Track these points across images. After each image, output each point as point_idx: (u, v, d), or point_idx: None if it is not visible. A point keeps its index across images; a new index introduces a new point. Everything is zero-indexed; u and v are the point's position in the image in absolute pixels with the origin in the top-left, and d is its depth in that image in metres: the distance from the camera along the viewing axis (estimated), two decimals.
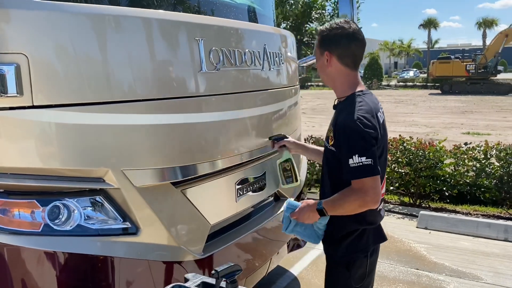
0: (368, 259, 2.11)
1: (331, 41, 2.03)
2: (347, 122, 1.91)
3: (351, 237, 2.07)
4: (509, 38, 30.95)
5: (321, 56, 2.07)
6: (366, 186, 1.86)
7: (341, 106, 2.05)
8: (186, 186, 2.34)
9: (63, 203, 1.98)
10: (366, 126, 1.88)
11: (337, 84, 2.09)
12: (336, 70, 2.05)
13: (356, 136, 1.88)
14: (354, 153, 1.85)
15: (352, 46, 2.03)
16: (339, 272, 2.12)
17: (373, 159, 1.86)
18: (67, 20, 1.90)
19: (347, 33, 2.01)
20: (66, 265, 1.97)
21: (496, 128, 14.30)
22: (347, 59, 2.03)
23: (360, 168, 1.85)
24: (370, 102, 2.00)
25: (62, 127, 1.91)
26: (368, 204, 1.90)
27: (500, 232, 4.77)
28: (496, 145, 5.67)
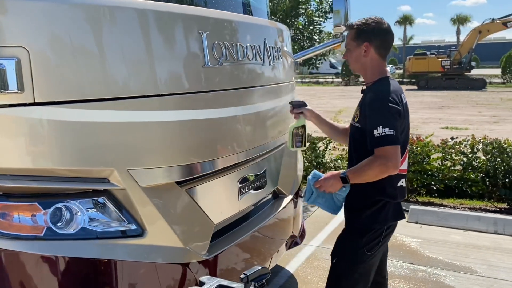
0: (383, 232, 2.29)
1: (370, 33, 2.26)
2: (373, 97, 2.19)
3: (373, 208, 2.25)
4: (482, 35, 31.62)
5: (358, 47, 2.29)
6: (388, 153, 2.08)
7: (370, 89, 2.30)
8: (190, 185, 2.26)
9: (65, 205, 1.88)
10: (390, 102, 2.13)
11: (368, 71, 2.32)
12: (371, 59, 2.29)
13: (380, 110, 2.13)
14: (378, 124, 2.09)
15: (388, 39, 2.31)
16: (352, 237, 2.32)
17: (395, 130, 2.09)
18: (69, 10, 1.80)
19: (384, 27, 2.28)
20: (70, 270, 1.87)
21: (473, 123, 14.59)
22: (382, 49, 2.29)
23: (383, 137, 2.07)
24: (395, 85, 2.26)
25: (65, 125, 1.81)
26: (390, 170, 2.12)
27: (490, 225, 4.84)
28: (482, 139, 5.76)
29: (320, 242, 4.57)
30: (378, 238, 2.29)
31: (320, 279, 3.79)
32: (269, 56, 2.83)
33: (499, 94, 26.88)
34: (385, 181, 2.20)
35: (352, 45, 2.32)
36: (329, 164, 6.58)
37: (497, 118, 15.64)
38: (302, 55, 3.90)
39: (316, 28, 6.76)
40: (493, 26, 31.36)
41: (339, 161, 6.57)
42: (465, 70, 33.10)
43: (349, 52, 2.35)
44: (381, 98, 2.16)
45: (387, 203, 2.26)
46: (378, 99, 2.17)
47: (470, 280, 3.73)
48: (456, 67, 32.88)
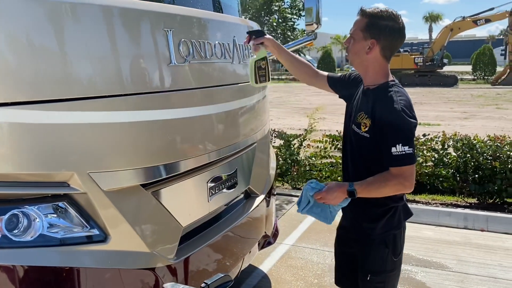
0: (402, 234, 2.27)
1: (382, 32, 2.03)
2: (392, 113, 1.97)
3: (387, 215, 2.18)
4: (453, 32, 32.36)
5: (364, 40, 2.05)
6: (406, 173, 1.98)
7: (376, 94, 2.08)
8: (156, 188, 2.19)
9: (22, 211, 1.78)
10: (410, 117, 1.98)
11: (369, 71, 2.12)
12: (374, 58, 2.07)
13: (401, 127, 1.97)
14: (398, 142, 1.94)
15: (398, 42, 2.08)
16: (380, 249, 2.23)
17: (413, 148, 1.98)
18: (22, 7, 1.70)
19: (398, 27, 2.05)
20: (28, 280, 1.78)
21: (445, 119, 14.90)
22: (388, 51, 2.08)
23: (403, 157, 1.95)
24: (406, 93, 2.09)
25: (19, 128, 1.72)
26: (406, 189, 2.04)
27: (460, 220, 4.92)
28: (453, 136, 5.85)
29: (294, 241, 4.55)
30: (399, 241, 2.26)
31: (294, 278, 3.78)
32: (239, 54, 2.78)
33: (469, 90, 27.56)
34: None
35: (358, 36, 2.07)
36: (304, 161, 6.58)
37: (467, 114, 16.01)
38: None
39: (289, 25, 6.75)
40: (464, 24, 32.15)
41: (313, 158, 6.58)
42: (437, 67, 33.83)
43: (352, 41, 2.11)
44: (399, 113, 1.96)
45: (397, 207, 2.20)
46: (397, 113, 1.96)
47: (441, 275, 3.78)
48: (428, 64, 33.57)
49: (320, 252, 4.21)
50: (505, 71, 32.20)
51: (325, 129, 11.34)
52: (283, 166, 6.54)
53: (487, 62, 36.66)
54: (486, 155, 5.47)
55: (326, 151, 6.44)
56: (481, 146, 5.55)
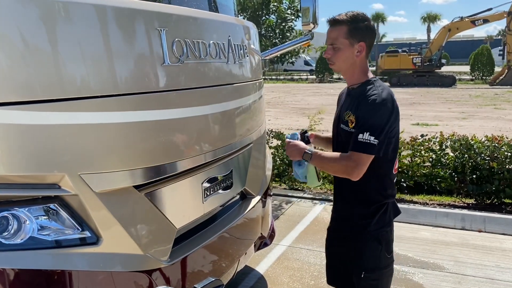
0: (391, 231, 2.32)
1: (366, 32, 2.16)
2: (370, 105, 2.07)
3: (379, 212, 2.22)
4: (451, 32, 32.37)
5: (351, 46, 2.15)
6: (360, 160, 2.05)
7: (360, 91, 2.17)
8: (149, 189, 2.16)
9: (12, 213, 1.76)
10: (386, 108, 2.07)
11: (356, 72, 2.22)
12: (361, 59, 2.19)
13: (374, 117, 2.05)
14: (366, 130, 2.03)
15: (374, 38, 2.25)
16: (373, 246, 2.26)
17: (380, 141, 2.03)
18: (13, 6, 1.67)
19: (373, 26, 2.22)
20: (18, 283, 1.75)
21: (443, 119, 14.89)
22: (370, 50, 2.21)
23: (365, 144, 2.02)
24: (387, 87, 2.17)
25: (9, 128, 1.69)
26: (352, 176, 2.09)
27: (457, 221, 4.90)
28: (451, 136, 5.83)
29: (291, 242, 4.53)
30: (390, 238, 2.31)
31: (291, 280, 3.75)
32: (234, 54, 2.76)
33: (468, 90, 27.56)
34: (387, 184, 2.24)
35: (344, 43, 2.14)
36: None
37: (465, 114, 16.00)
38: (270, 53, 3.83)
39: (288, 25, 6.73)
40: (462, 24, 32.16)
41: None
42: (435, 67, 33.83)
43: (337, 51, 2.17)
44: (378, 104, 2.06)
45: (388, 204, 2.26)
46: (375, 105, 2.06)
47: (438, 277, 3.76)
48: (426, 64, 33.57)
49: (317, 253, 4.19)
50: (503, 71, 32.23)
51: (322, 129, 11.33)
52: (280, 167, 6.52)
53: (485, 62, 36.66)
54: (484, 155, 5.45)
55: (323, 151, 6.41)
56: (479, 147, 5.53)
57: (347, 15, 2.16)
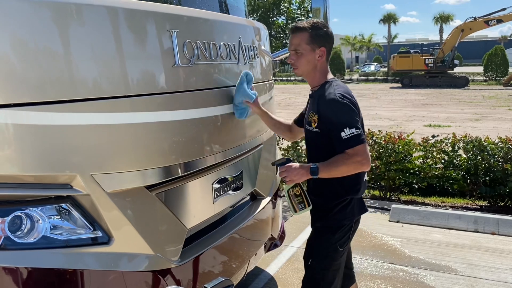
0: (352, 227, 2.40)
1: (326, 38, 2.32)
2: (332, 101, 2.20)
3: (340, 206, 2.32)
4: (464, 33, 32.03)
5: (313, 51, 2.30)
6: (360, 152, 2.13)
7: (319, 92, 2.32)
8: (160, 189, 2.18)
9: (25, 212, 1.78)
10: (349, 101, 2.19)
11: (317, 75, 2.36)
12: (322, 63, 2.35)
13: (342, 112, 2.17)
14: (344, 126, 2.13)
15: (333, 42, 2.39)
16: (326, 236, 2.36)
17: (360, 128, 2.15)
18: (26, 9, 1.70)
19: (331, 32, 2.36)
20: (31, 282, 1.78)
21: (455, 120, 14.74)
22: (330, 54, 2.38)
23: (352, 138, 2.12)
24: (344, 85, 2.31)
25: (22, 129, 1.71)
26: (364, 167, 2.19)
27: (470, 223, 4.84)
28: (463, 137, 5.76)
29: (301, 243, 4.51)
30: (348, 233, 2.38)
31: (301, 281, 3.73)
32: (245, 55, 2.76)
33: (481, 91, 27.25)
34: (354, 179, 2.30)
35: (306, 49, 2.30)
36: None
37: (479, 116, 15.82)
38: (280, 54, 3.83)
39: None
40: (475, 25, 31.81)
41: None
42: (448, 68, 33.51)
43: (300, 55, 2.31)
44: (340, 99, 2.18)
45: (353, 198, 2.35)
46: (337, 101, 2.18)
47: (450, 279, 3.72)
48: (439, 65, 33.28)
49: None
50: None
51: None
52: None
53: (499, 63, 36.21)
54: (497, 157, 5.38)
55: None
56: (492, 148, 5.46)
57: (308, 23, 2.31)
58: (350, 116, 2.16)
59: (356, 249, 4.33)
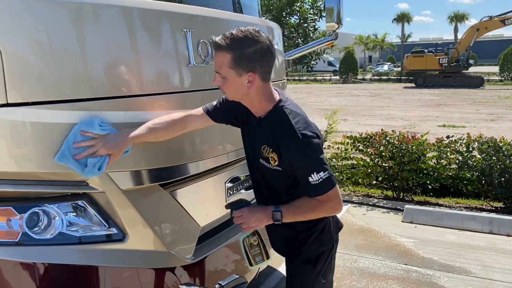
0: (332, 250, 2.10)
1: (255, 60, 1.74)
2: (293, 142, 1.78)
3: (315, 234, 2.02)
4: (480, 32, 31.61)
5: (239, 77, 1.76)
6: (332, 196, 1.84)
7: (271, 123, 1.86)
8: (174, 188, 2.20)
9: (42, 209, 1.81)
10: (312, 139, 1.79)
11: (255, 103, 1.86)
12: (257, 89, 1.81)
13: (307, 154, 1.79)
14: (312, 171, 1.78)
15: (272, 60, 1.81)
16: (306, 271, 2.04)
17: (329, 170, 1.82)
18: (43, 9, 1.73)
19: (266, 46, 1.76)
20: (47, 277, 1.81)
21: (470, 121, 14.56)
22: (266, 74, 1.82)
23: (322, 184, 1.79)
24: (299, 110, 1.87)
25: (40, 127, 1.75)
26: (336, 212, 1.95)
27: (485, 225, 4.79)
28: (478, 138, 5.70)
29: None
30: (328, 259, 2.07)
31: None
32: None
33: (496, 92, 26.87)
34: None
35: (230, 74, 1.76)
36: None
37: (494, 116, 15.61)
38: (294, 53, 3.84)
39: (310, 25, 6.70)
40: (491, 24, 31.37)
41: (334, 160, 6.51)
42: (462, 68, 33.09)
43: (225, 80, 1.79)
44: (300, 139, 1.77)
45: (327, 222, 2.04)
46: (298, 142, 1.77)
47: (465, 281, 3.68)
48: (453, 64, 32.87)
49: (340, 255, 4.16)
50: None
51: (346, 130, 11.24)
52: None
53: None
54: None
55: (347, 152, 6.36)
56: (508, 149, 5.38)
57: (229, 39, 1.73)
58: (316, 158, 1.79)
59: (368, 249, 4.31)
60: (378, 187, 6.37)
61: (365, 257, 4.14)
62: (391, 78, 43.49)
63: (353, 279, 3.72)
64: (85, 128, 1.78)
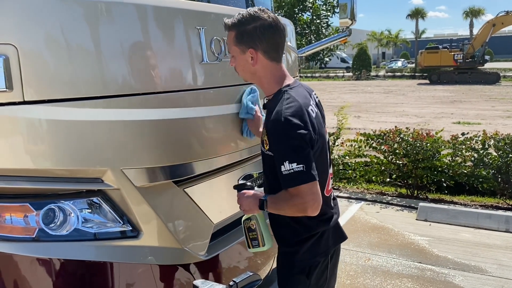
0: (329, 263, 1.95)
1: (254, 36, 1.79)
2: (275, 125, 1.73)
3: (311, 241, 1.88)
4: (496, 28, 31.11)
5: (243, 54, 1.83)
6: (302, 193, 1.68)
7: (270, 105, 1.84)
8: (188, 185, 2.21)
9: (58, 206, 1.83)
10: (295, 127, 1.68)
11: (264, 82, 1.89)
12: (263, 67, 1.84)
13: (284, 141, 1.70)
14: (284, 159, 1.68)
15: (277, 37, 1.83)
16: (299, 280, 1.90)
17: (306, 163, 1.67)
18: (58, 7, 1.74)
19: (268, 23, 1.79)
20: (63, 272, 1.83)
21: (485, 117, 14.36)
22: (272, 52, 1.83)
23: (292, 176, 1.67)
24: (299, 97, 1.79)
25: (56, 124, 1.76)
26: (307, 211, 1.72)
27: (501, 223, 4.72)
28: (494, 135, 5.61)
29: None
30: (325, 271, 1.93)
31: None
32: None
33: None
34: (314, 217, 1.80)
35: (235, 51, 1.84)
36: (337, 160, 6.49)
37: (511, 113, 15.37)
38: (306, 50, 3.82)
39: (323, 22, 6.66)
40: (507, 19, 30.83)
41: (347, 157, 6.47)
42: (478, 64, 32.61)
43: (233, 59, 1.88)
44: (282, 124, 1.69)
45: (324, 231, 1.90)
46: (280, 126, 1.70)
47: (480, 280, 3.64)
48: (469, 61, 32.40)
49: (353, 253, 4.14)
50: None
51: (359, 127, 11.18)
52: None
53: None
54: None
55: (360, 150, 6.32)
56: None
57: (234, 18, 1.82)
58: (292, 146, 1.67)
59: (382, 247, 4.28)
60: (392, 184, 6.33)
61: (379, 255, 4.12)
62: (405, 74, 43.06)
63: (367, 277, 3.70)
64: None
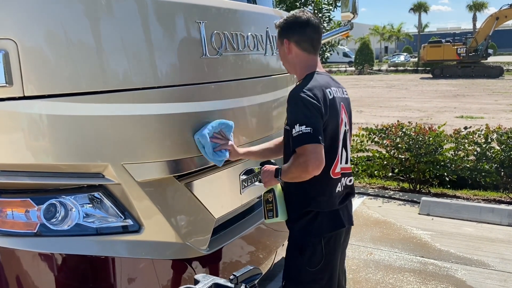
0: (323, 246, 2.08)
1: (287, 29, 2.13)
2: (293, 96, 2.02)
3: (303, 220, 2.09)
4: (499, 21, 30.88)
5: (282, 45, 2.16)
6: (307, 152, 1.91)
7: None
8: (190, 179, 2.21)
9: (59, 201, 1.84)
10: (308, 97, 1.96)
11: (297, 69, 2.17)
12: (296, 55, 2.13)
13: (297, 106, 1.97)
14: (296, 123, 1.94)
15: (307, 31, 2.11)
16: (293, 255, 2.14)
17: (314, 127, 1.92)
18: (58, 1, 1.74)
19: (301, 20, 2.11)
20: (64, 267, 1.84)
21: (488, 111, 14.30)
22: (304, 43, 2.11)
23: (301, 136, 1.92)
24: (321, 80, 2.08)
25: (56, 119, 1.76)
26: (309, 169, 1.92)
27: (504, 217, 4.71)
28: (497, 129, 5.59)
29: None
30: (321, 252, 2.07)
31: None
32: (272, 45, 2.75)
33: None
34: (315, 189, 2.05)
35: (278, 45, 2.21)
36: None
37: None
38: None
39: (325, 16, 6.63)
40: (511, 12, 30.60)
41: None
42: (481, 58, 32.39)
43: (278, 52, 2.24)
44: (298, 94, 1.98)
45: (318, 213, 2.07)
46: (296, 95, 1.99)
47: (483, 274, 3.63)
48: (472, 54, 32.19)
49: (355, 247, 4.14)
50: None
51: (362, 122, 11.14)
52: None
53: None
54: None
55: (362, 144, 6.31)
56: None
57: (282, 19, 2.17)
58: (303, 112, 1.93)
59: (384, 241, 4.28)
60: (394, 179, 6.31)
61: (381, 249, 4.12)
62: (407, 68, 42.86)
63: (369, 271, 3.70)
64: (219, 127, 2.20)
